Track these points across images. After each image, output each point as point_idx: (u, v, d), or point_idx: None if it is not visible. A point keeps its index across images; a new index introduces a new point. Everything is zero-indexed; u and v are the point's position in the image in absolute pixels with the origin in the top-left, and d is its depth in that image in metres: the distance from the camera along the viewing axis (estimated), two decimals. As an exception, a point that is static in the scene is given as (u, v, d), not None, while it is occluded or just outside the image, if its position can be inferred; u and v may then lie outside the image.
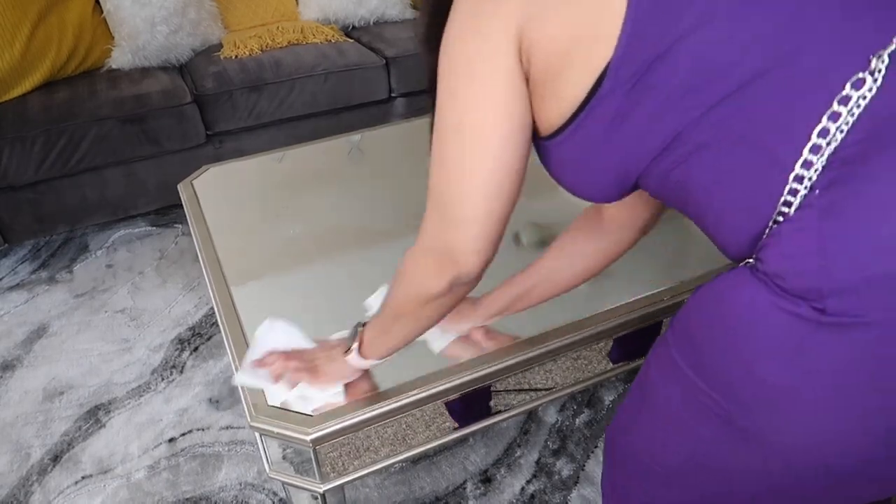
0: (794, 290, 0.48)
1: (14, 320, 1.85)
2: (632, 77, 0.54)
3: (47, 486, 1.39)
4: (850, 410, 0.49)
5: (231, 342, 1.02)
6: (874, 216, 0.45)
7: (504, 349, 0.99)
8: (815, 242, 0.47)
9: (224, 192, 1.48)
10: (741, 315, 0.51)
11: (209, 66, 2.16)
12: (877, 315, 0.45)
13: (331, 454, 0.92)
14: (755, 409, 0.53)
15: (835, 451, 0.51)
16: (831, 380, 0.48)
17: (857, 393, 0.48)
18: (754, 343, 0.51)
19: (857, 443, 0.50)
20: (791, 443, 0.52)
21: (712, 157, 0.54)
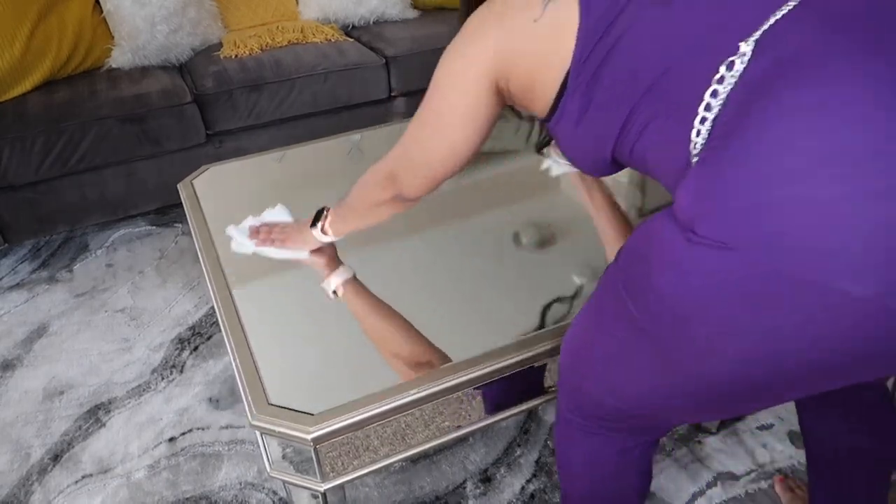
0: (682, 221, 0.61)
1: (14, 320, 1.85)
2: (586, 79, 0.73)
3: (47, 486, 1.39)
4: (722, 317, 0.60)
5: (231, 341, 1.03)
6: (730, 165, 0.58)
7: (504, 348, 0.99)
8: (693, 185, 0.61)
9: (224, 192, 1.48)
10: (653, 239, 0.66)
11: (209, 66, 2.16)
12: (734, 241, 0.56)
13: (331, 454, 0.92)
14: (656, 316, 0.66)
15: (722, 353, 0.62)
16: (704, 292, 0.59)
17: (727, 302, 0.58)
18: (657, 259, 0.64)
19: (733, 345, 0.61)
20: (684, 345, 0.65)
21: (655, 130, 0.70)
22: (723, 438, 1.41)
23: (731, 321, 0.59)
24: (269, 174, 1.58)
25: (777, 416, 1.45)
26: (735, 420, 1.45)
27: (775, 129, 0.55)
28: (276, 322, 1.10)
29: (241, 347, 1.01)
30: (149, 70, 2.17)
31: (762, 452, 1.38)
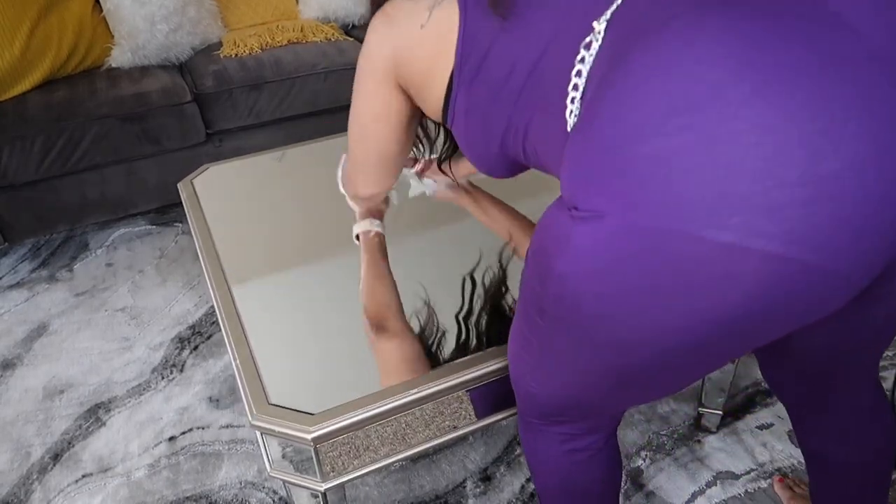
0: (565, 200, 0.62)
1: (14, 319, 1.85)
2: (468, 79, 0.79)
3: (48, 485, 1.39)
4: (610, 286, 0.61)
5: (231, 341, 1.03)
6: (590, 137, 0.60)
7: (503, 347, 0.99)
8: (567, 163, 0.63)
9: (224, 191, 1.48)
10: (548, 226, 0.66)
11: (209, 65, 2.16)
12: (603, 207, 0.57)
13: (330, 453, 0.92)
14: (559, 300, 0.66)
15: (618, 319, 0.63)
16: (591, 264, 0.60)
17: (610, 269, 0.60)
18: (552, 243, 0.65)
19: (624, 310, 0.62)
20: (589, 325, 0.66)
21: (537, 125, 0.74)
22: (722, 438, 1.41)
23: (619, 286, 0.60)
24: (269, 173, 1.58)
25: (777, 416, 1.45)
26: (735, 419, 1.45)
27: (624, 93, 0.57)
28: (276, 321, 1.10)
29: (241, 347, 1.01)
30: (149, 69, 2.17)
31: (762, 452, 1.38)
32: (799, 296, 0.57)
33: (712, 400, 1.37)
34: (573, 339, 0.69)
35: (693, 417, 1.45)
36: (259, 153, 1.65)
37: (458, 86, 0.80)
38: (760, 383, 1.53)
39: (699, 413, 1.41)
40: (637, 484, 1.33)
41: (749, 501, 1.29)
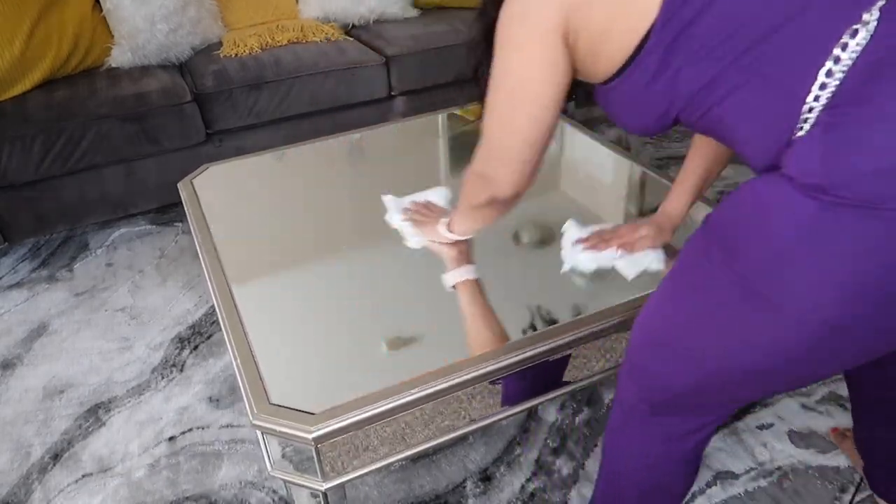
0: (807, 184, 0.63)
1: (14, 319, 1.85)
2: (672, 36, 0.71)
3: (48, 485, 1.39)
4: (843, 274, 0.63)
5: (232, 341, 1.03)
6: (860, 130, 0.61)
7: (503, 347, 0.99)
8: (819, 150, 0.63)
9: (224, 191, 1.48)
10: (767, 204, 0.67)
11: (209, 65, 2.16)
12: (863, 198, 0.60)
13: (330, 453, 0.92)
14: (773, 276, 0.67)
15: (835, 307, 0.65)
16: (829, 248, 0.63)
17: (851, 260, 0.62)
18: (776, 221, 0.66)
19: (854, 300, 0.64)
20: (800, 303, 0.66)
21: (744, 96, 0.70)
22: (722, 438, 1.41)
23: (864, 276, 0.63)
24: (269, 173, 1.58)
25: (777, 416, 1.45)
26: (735, 419, 1.45)
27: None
28: (276, 321, 1.10)
29: (241, 346, 1.01)
30: (149, 69, 2.17)
31: (762, 451, 1.38)
32: None
33: (712, 400, 1.37)
34: (765, 311, 0.69)
35: (693, 417, 1.45)
36: (259, 153, 1.65)
37: (657, 43, 0.72)
38: (760, 383, 1.54)
39: (699, 413, 1.41)
40: (637, 484, 1.33)
41: (749, 501, 1.29)
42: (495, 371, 0.98)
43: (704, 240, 0.76)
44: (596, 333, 1.04)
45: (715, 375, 0.79)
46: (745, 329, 0.72)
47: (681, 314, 0.79)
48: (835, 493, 1.30)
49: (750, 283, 0.69)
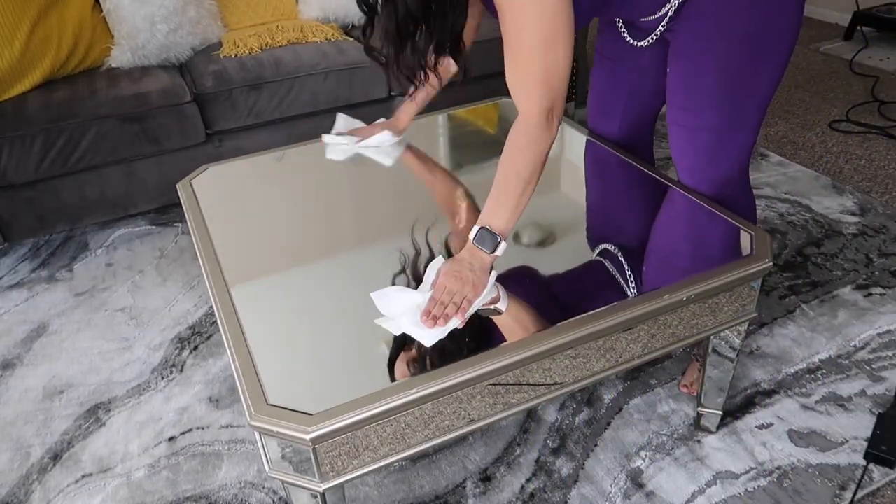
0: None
1: (14, 319, 1.85)
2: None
3: (47, 485, 1.39)
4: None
5: (230, 341, 1.03)
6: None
7: (503, 347, 0.99)
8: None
9: (223, 192, 1.48)
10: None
11: (209, 65, 2.16)
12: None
13: (330, 453, 0.92)
14: (790, 20, 1.15)
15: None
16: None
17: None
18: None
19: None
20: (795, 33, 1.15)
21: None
22: (722, 437, 1.41)
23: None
24: (269, 174, 1.58)
25: (776, 416, 1.45)
26: (734, 420, 1.45)
27: None
28: (275, 322, 1.10)
29: (239, 347, 1.01)
30: (148, 69, 2.17)
31: (761, 451, 1.38)
32: None
33: (711, 400, 1.37)
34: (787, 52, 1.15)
35: (693, 418, 1.45)
36: (259, 153, 1.65)
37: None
38: (759, 384, 1.53)
39: (698, 413, 1.41)
40: (637, 484, 1.33)
41: (749, 500, 1.29)
42: (495, 371, 0.98)
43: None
44: (594, 333, 1.04)
45: (763, 113, 1.23)
46: (773, 76, 1.18)
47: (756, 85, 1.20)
48: (835, 490, 1.30)
49: (775, 36, 1.13)
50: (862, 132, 2.57)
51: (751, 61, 1.16)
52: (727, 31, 1.14)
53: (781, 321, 1.70)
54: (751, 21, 1.12)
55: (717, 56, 1.16)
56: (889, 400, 1.47)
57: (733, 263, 1.13)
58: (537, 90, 1.04)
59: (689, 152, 1.28)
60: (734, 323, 1.21)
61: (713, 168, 1.28)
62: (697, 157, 1.28)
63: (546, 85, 1.03)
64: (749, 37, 1.13)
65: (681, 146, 1.29)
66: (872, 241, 1.98)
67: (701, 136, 1.24)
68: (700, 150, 1.26)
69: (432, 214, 1.38)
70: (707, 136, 1.24)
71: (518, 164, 1.07)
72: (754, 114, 1.22)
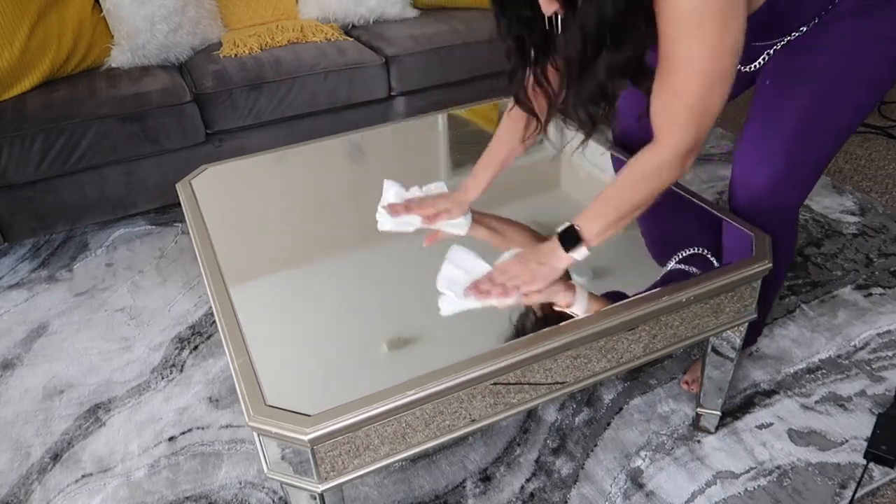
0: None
1: (14, 319, 1.85)
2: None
3: (47, 485, 1.39)
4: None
5: (229, 342, 1.03)
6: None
7: (504, 348, 0.99)
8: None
9: (223, 192, 1.48)
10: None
11: (209, 65, 2.16)
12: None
13: (329, 453, 0.92)
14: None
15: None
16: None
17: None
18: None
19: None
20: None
21: None
22: (722, 437, 1.41)
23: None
24: (269, 174, 1.58)
25: (776, 416, 1.45)
26: (734, 420, 1.45)
27: None
28: (274, 322, 1.10)
29: (238, 347, 1.01)
30: (148, 69, 2.17)
31: (761, 451, 1.38)
32: None
33: (711, 401, 1.37)
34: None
35: (692, 418, 1.45)
36: (258, 153, 1.65)
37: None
38: (759, 384, 1.53)
39: (697, 414, 1.40)
40: (637, 483, 1.33)
41: (749, 500, 1.29)
42: (496, 371, 0.98)
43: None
44: (596, 334, 1.04)
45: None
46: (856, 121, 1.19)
47: (814, 159, 1.22)
48: (835, 489, 1.30)
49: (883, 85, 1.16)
50: (862, 132, 2.57)
51: (845, 97, 1.14)
52: (835, 62, 1.12)
53: (781, 321, 1.69)
54: (863, 58, 1.11)
55: (815, 84, 1.14)
56: (889, 400, 1.47)
57: (734, 264, 1.13)
58: (686, 125, 0.98)
59: (757, 173, 1.22)
60: (735, 323, 1.21)
61: (776, 195, 1.22)
62: (763, 180, 1.21)
63: (697, 122, 0.97)
64: (853, 73, 1.12)
65: (750, 167, 1.23)
66: (872, 241, 1.98)
67: (776, 158, 1.19)
68: (770, 173, 1.20)
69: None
70: (782, 161, 1.18)
71: (635, 192, 1.03)
72: (829, 150, 1.20)
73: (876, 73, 1.13)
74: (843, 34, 1.10)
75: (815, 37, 1.13)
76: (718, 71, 0.94)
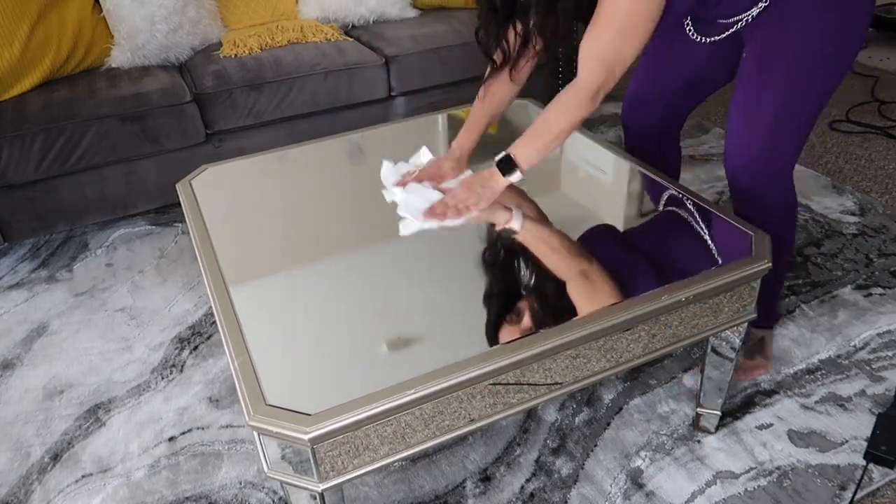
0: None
1: (14, 319, 1.85)
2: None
3: (47, 485, 1.39)
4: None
5: (229, 342, 1.03)
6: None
7: (504, 348, 0.99)
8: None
9: (223, 192, 1.48)
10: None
11: (209, 65, 2.16)
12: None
13: (329, 453, 0.92)
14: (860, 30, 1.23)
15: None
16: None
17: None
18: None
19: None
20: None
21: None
22: (722, 437, 1.41)
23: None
24: (269, 174, 1.58)
25: (776, 416, 1.45)
26: (734, 420, 1.45)
27: None
28: (274, 322, 1.10)
29: (238, 347, 1.01)
30: (148, 69, 2.17)
31: (761, 451, 1.38)
32: None
33: (711, 401, 1.37)
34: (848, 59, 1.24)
35: (692, 418, 1.45)
36: (258, 153, 1.65)
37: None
38: (759, 384, 1.53)
39: (697, 414, 1.40)
40: (637, 484, 1.33)
41: (749, 500, 1.29)
42: (495, 371, 0.98)
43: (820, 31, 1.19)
44: (595, 333, 1.04)
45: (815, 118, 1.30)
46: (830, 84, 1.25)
47: (788, 130, 1.30)
48: (835, 491, 1.30)
49: (847, 46, 1.24)
50: (862, 132, 2.57)
51: (821, 61, 1.22)
52: (805, 31, 1.20)
53: (781, 321, 1.69)
54: (828, 24, 1.19)
55: (792, 52, 1.22)
56: (889, 400, 1.47)
57: (733, 264, 1.13)
58: (599, 66, 1.14)
59: (747, 143, 1.31)
60: (735, 323, 1.21)
61: (768, 159, 1.31)
62: (754, 147, 1.31)
63: (607, 66, 1.14)
64: (825, 38, 1.20)
65: (740, 136, 1.32)
66: (872, 241, 1.98)
67: (762, 128, 1.28)
68: (759, 141, 1.30)
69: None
70: (767, 129, 1.28)
71: (554, 120, 1.20)
72: (813, 111, 1.28)
73: (846, 26, 1.22)
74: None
75: (782, 6, 1.21)
76: (635, 25, 1.11)
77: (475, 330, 1.06)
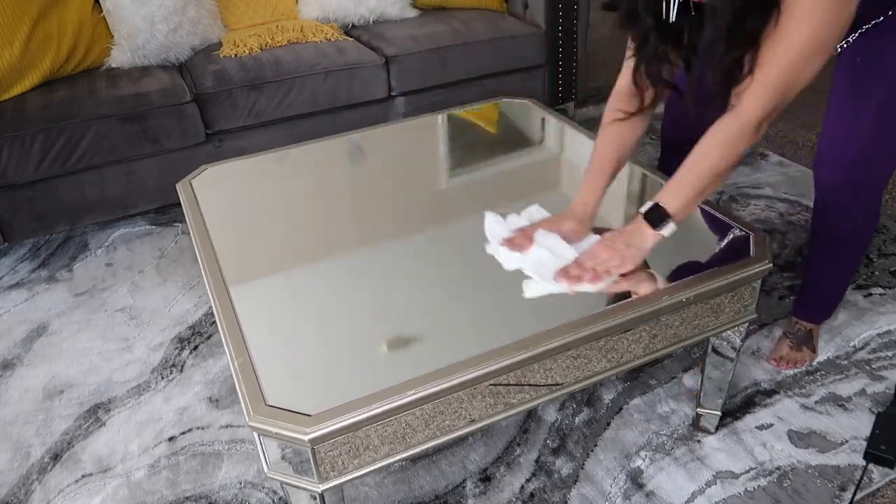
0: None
1: (14, 319, 1.85)
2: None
3: (47, 485, 1.39)
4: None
5: (229, 342, 1.03)
6: None
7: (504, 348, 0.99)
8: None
9: (223, 192, 1.48)
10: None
11: (209, 65, 2.16)
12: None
13: (329, 453, 0.92)
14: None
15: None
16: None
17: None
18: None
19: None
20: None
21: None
22: (722, 437, 1.41)
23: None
24: (269, 174, 1.58)
25: (776, 416, 1.45)
26: (734, 420, 1.45)
27: None
28: (274, 322, 1.10)
29: (238, 347, 1.01)
30: (148, 69, 2.17)
31: (761, 451, 1.38)
32: None
33: (711, 401, 1.37)
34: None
35: (692, 418, 1.45)
36: (258, 153, 1.65)
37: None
38: (759, 384, 1.53)
39: (697, 414, 1.41)
40: (637, 484, 1.33)
41: (749, 500, 1.29)
42: (496, 371, 0.98)
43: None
44: (596, 334, 1.04)
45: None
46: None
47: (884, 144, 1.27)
48: (835, 491, 1.30)
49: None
50: (862, 132, 2.57)
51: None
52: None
53: (782, 322, 1.69)
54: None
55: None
56: (888, 399, 1.47)
57: (734, 264, 1.13)
58: (772, 93, 0.99)
59: (840, 147, 1.30)
60: (735, 323, 1.21)
61: (860, 167, 1.30)
62: (848, 151, 1.29)
63: (782, 92, 0.99)
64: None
65: (839, 141, 1.30)
66: (872, 241, 1.97)
67: (860, 136, 1.26)
68: (856, 148, 1.28)
69: (433, 213, 1.38)
70: (866, 138, 1.26)
71: (716, 158, 1.03)
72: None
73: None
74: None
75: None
76: (820, 46, 0.96)
77: (475, 330, 1.06)
